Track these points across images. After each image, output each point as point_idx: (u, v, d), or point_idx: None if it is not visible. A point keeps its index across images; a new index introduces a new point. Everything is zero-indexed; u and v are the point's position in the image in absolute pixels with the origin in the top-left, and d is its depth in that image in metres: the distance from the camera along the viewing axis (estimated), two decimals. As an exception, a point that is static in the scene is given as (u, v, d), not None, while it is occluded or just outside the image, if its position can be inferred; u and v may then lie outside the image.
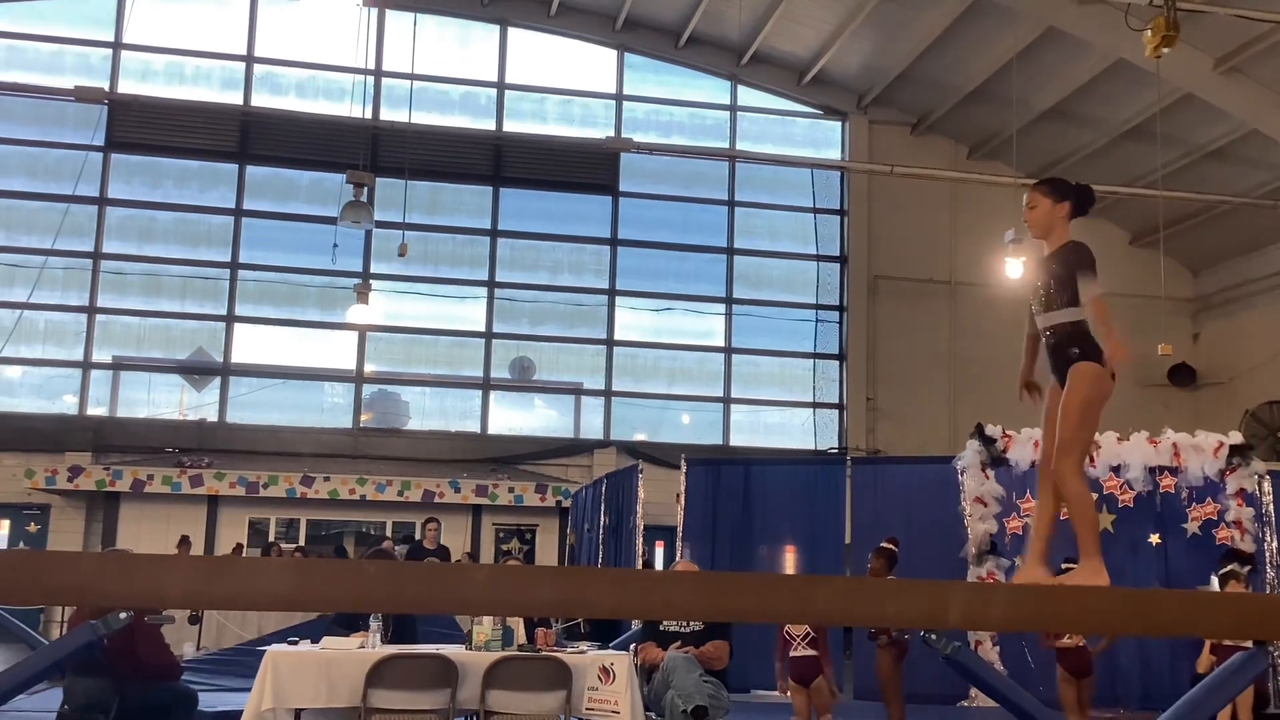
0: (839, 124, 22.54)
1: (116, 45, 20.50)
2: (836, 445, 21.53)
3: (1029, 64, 18.31)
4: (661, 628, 7.81)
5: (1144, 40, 13.15)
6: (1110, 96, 18.85)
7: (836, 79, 21.73)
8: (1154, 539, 11.57)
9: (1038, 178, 21.11)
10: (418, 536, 15.32)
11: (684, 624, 7.68)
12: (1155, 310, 19.38)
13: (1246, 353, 21.04)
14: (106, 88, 19.86)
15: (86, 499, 18.86)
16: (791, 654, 8.28)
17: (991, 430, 12.05)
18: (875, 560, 9.21)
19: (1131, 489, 11.59)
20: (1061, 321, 4.42)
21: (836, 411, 21.92)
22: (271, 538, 19.02)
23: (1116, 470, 11.63)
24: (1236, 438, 11.79)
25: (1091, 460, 11.49)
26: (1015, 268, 17.59)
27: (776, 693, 9.60)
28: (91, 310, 19.95)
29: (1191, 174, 19.65)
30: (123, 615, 5.29)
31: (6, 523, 19.03)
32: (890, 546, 9.34)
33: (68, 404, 19.87)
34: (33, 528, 18.94)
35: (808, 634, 8.23)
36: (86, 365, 19.88)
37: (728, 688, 7.68)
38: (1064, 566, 9.80)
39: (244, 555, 17.34)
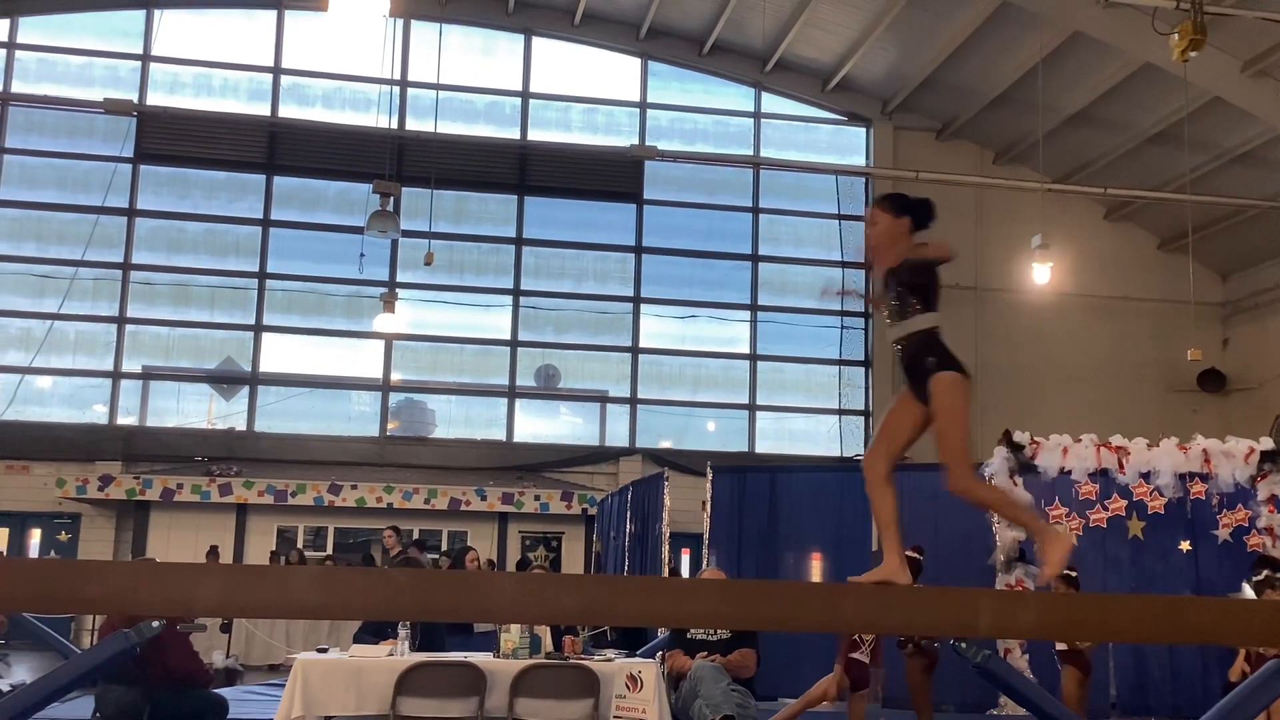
0: (863, 130, 22.51)
1: (145, 58, 20.70)
2: (863, 452, 21.42)
3: (1055, 68, 18.24)
4: (689, 636, 7.81)
5: (1171, 44, 13.07)
6: (1137, 101, 18.75)
7: (861, 85, 21.70)
8: (1184, 546, 11.47)
9: (1065, 182, 21.08)
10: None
11: (711, 632, 7.68)
12: (1184, 315, 19.24)
13: (1277, 357, 20.86)
14: (135, 100, 20.07)
15: (116, 508, 19.02)
16: (853, 656, 8.33)
17: (1019, 437, 11.99)
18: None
19: (1162, 495, 11.49)
20: (913, 331, 4.38)
21: (862, 418, 21.86)
22: (299, 545, 19.12)
23: (1146, 477, 11.54)
24: (1267, 443, 11.67)
25: (1121, 467, 11.43)
26: (1042, 273, 17.53)
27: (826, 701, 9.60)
28: (121, 320, 20.12)
29: (1220, 178, 19.52)
30: (155, 624, 5.33)
31: (38, 532, 19.22)
32: (914, 555, 9.32)
33: (98, 414, 20.03)
34: (63, 537, 19.11)
35: (873, 640, 8.30)
36: (116, 375, 20.05)
37: (755, 696, 7.67)
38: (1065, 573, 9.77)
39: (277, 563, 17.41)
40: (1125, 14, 15.97)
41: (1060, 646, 9.26)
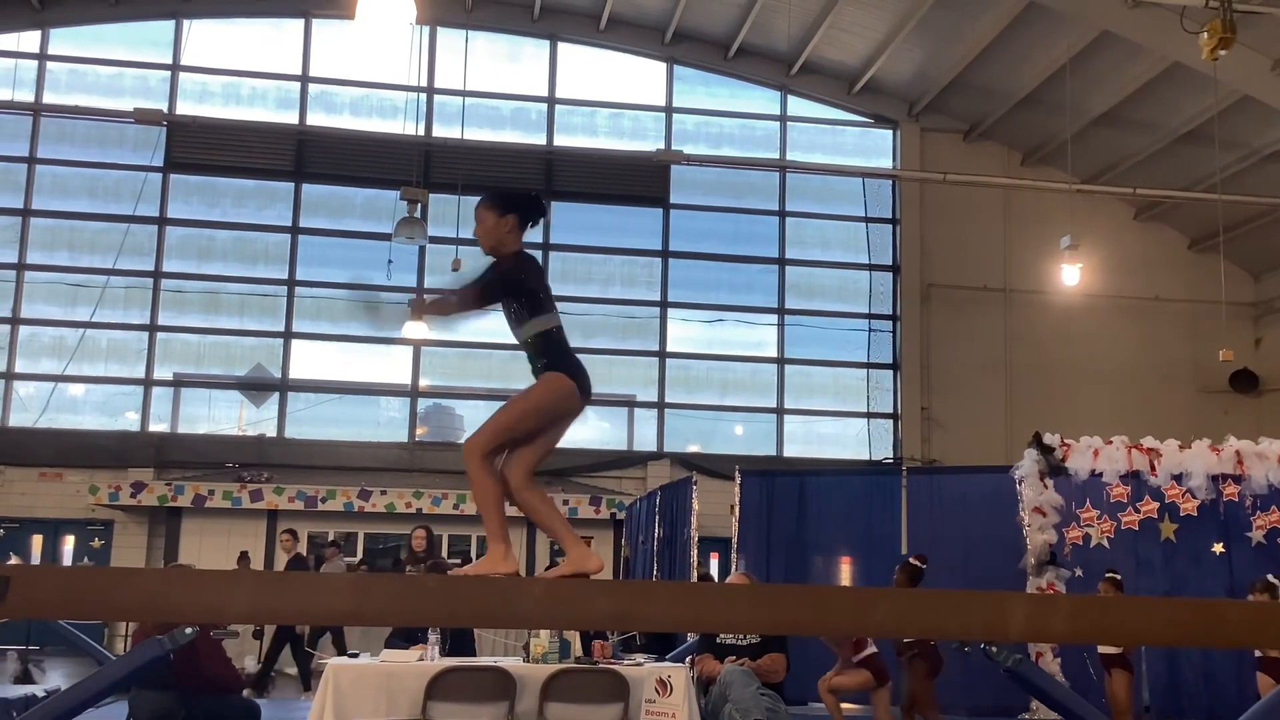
0: (890, 132, 22.44)
1: (174, 67, 20.87)
2: (891, 455, 21.38)
3: (1083, 69, 18.14)
4: (718, 640, 7.81)
5: (1200, 43, 12.98)
6: (1166, 100, 18.63)
7: (887, 87, 21.64)
8: (1217, 548, 11.37)
9: (1094, 183, 20.96)
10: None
11: (741, 637, 7.68)
12: (1216, 315, 19.08)
13: (1311, 357, 20.68)
14: (165, 109, 20.23)
15: (149, 514, 19.16)
16: (869, 652, 8.41)
17: (1050, 439, 11.91)
18: (899, 574, 9.39)
19: (1194, 497, 11.40)
20: (530, 335, 4.32)
21: (891, 421, 21.78)
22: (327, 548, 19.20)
23: (1179, 479, 11.44)
24: (1301, 444, 11.56)
25: (1152, 469, 11.34)
26: (1072, 274, 17.43)
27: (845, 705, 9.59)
28: (152, 328, 20.29)
29: (1251, 177, 19.36)
30: (188, 630, 5.38)
31: (71, 539, 19.21)
32: (916, 563, 9.43)
33: (130, 421, 20.20)
34: (97, 543, 19.26)
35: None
36: (148, 382, 20.21)
37: (785, 700, 7.66)
38: (1107, 575, 9.72)
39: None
40: (1153, 13, 15.86)
41: (1106, 650, 9.16)
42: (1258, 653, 8.99)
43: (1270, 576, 9.36)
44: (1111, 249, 20.63)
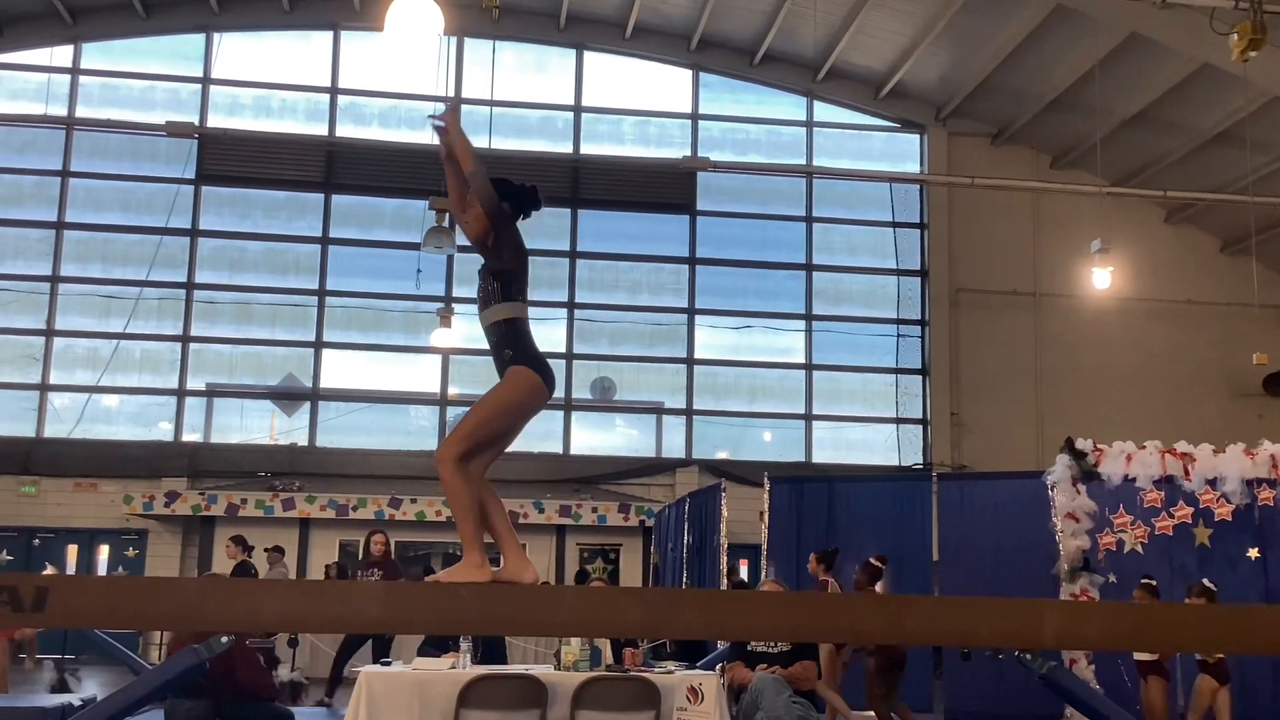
0: (917, 136, 22.37)
1: (205, 81, 21.08)
2: (921, 461, 21.29)
3: (1112, 71, 18.03)
4: (749, 648, 7.80)
5: (1230, 44, 12.90)
6: (1196, 102, 18.50)
7: (914, 91, 21.58)
8: (1253, 553, 11.26)
9: (1124, 185, 20.77)
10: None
11: (772, 644, 7.67)
12: (1249, 318, 18.92)
13: (1346, 360, 20.43)
14: (196, 122, 20.43)
15: (182, 523, 19.32)
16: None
17: (1082, 444, 11.83)
18: (859, 574, 10.15)
19: (1229, 502, 11.29)
20: (496, 320, 4.24)
21: (920, 427, 21.69)
22: (361, 557, 19.29)
23: (1213, 483, 11.34)
24: (1338, 448, 11.44)
25: (1186, 473, 11.25)
26: (1103, 277, 17.33)
27: (870, 713, 9.59)
28: (185, 339, 20.46)
29: (1283, 178, 19.19)
30: (224, 639, 5.42)
31: (105, 548, 19.58)
32: (876, 563, 10.04)
33: (163, 431, 20.38)
34: (131, 553, 19.44)
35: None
36: (181, 393, 20.39)
37: (816, 708, 7.64)
38: (1143, 581, 9.65)
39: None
40: (1183, 14, 15.74)
41: (1141, 656, 9.11)
42: (1198, 656, 8.97)
43: (1205, 581, 9.47)
44: (1142, 252, 20.49)
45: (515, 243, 4.35)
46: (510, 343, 4.21)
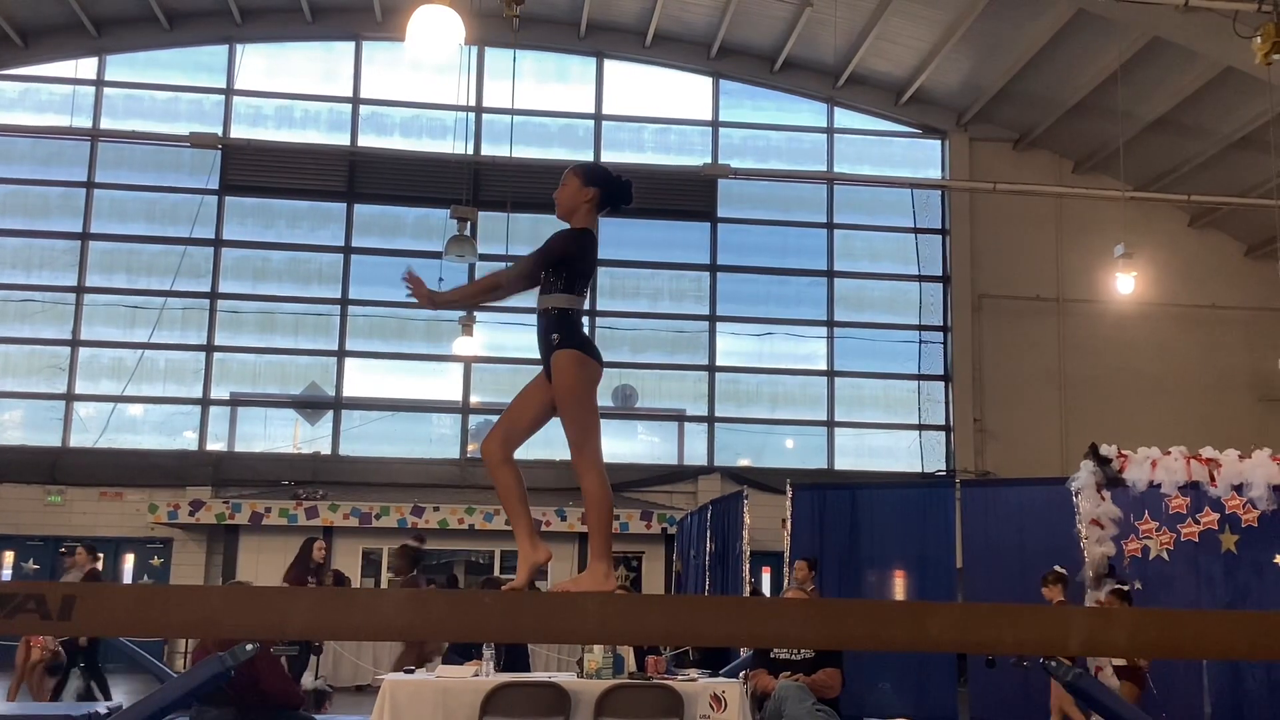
0: (939, 142, 22.32)
1: (228, 92, 21.22)
2: (944, 468, 21.21)
3: (1134, 75, 17.96)
4: (773, 655, 7.78)
5: (1253, 47, 12.83)
6: (1220, 105, 18.39)
7: (935, 97, 21.54)
8: (1279, 560, 11.17)
9: (1147, 190, 20.63)
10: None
11: (795, 651, 7.65)
12: (1274, 322, 18.81)
13: (1374, 364, 20.25)
14: (220, 133, 20.60)
15: (207, 532, 19.42)
16: None
17: (1106, 450, 11.77)
18: (799, 570, 10.71)
19: (1255, 508, 11.19)
20: (548, 307, 4.30)
21: (943, 433, 21.61)
22: (384, 567, 19.37)
23: (1239, 489, 11.25)
24: (1365, 453, 11.33)
25: (1212, 479, 11.17)
26: (1126, 283, 17.24)
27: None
28: (209, 348, 20.59)
29: (1309, 181, 19.05)
30: (249, 646, 5.44)
31: (131, 557, 19.69)
32: (803, 563, 10.65)
33: (188, 440, 20.49)
34: (156, 561, 19.55)
35: None
36: (205, 402, 20.51)
37: (840, 716, 7.61)
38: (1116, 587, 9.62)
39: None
40: (1205, 18, 15.67)
41: (1118, 662, 9.08)
42: (1118, 662, 8.93)
43: (1058, 567, 9.56)
44: (1166, 257, 20.38)
45: (587, 238, 4.38)
46: (557, 328, 4.29)
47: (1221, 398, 20.88)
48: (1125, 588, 9.68)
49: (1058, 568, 9.86)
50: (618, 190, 4.48)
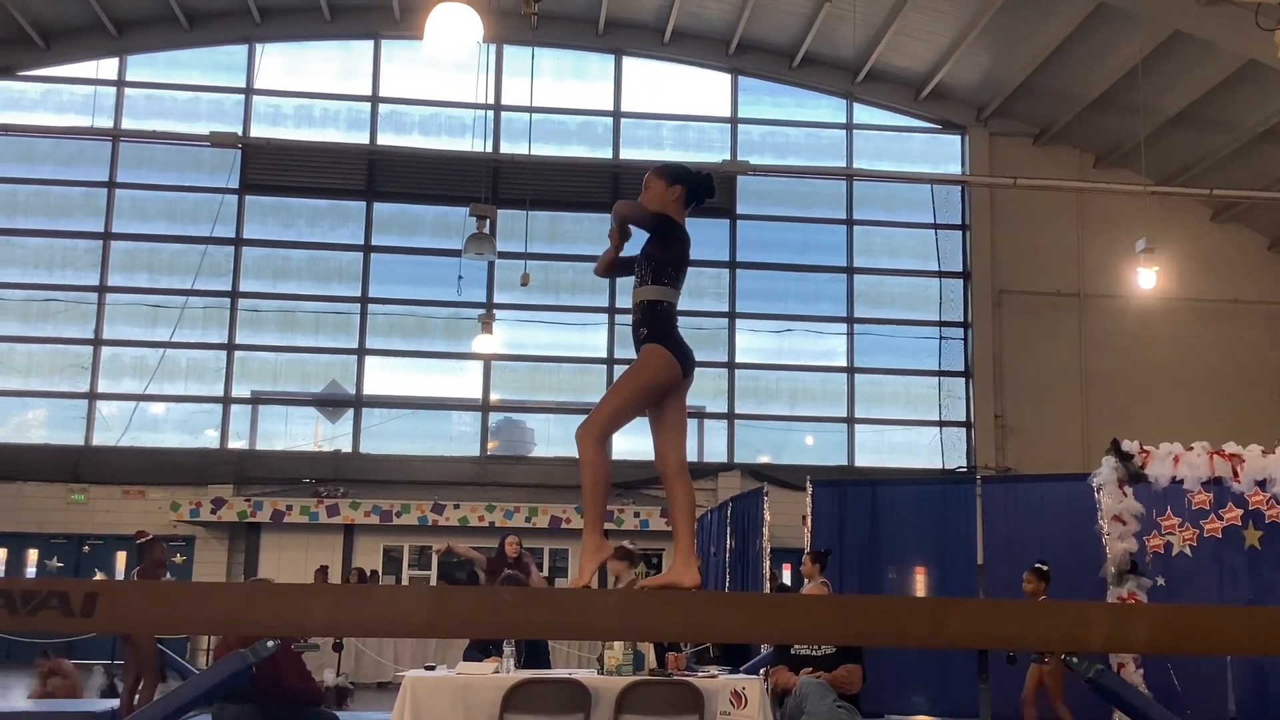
0: (958, 137, 22.23)
1: (248, 91, 21.31)
2: (965, 464, 21.13)
3: (1155, 69, 17.85)
4: (793, 651, 7.77)
5: (1275, 39, 12.71)
6: (1242, 99, 18.26)
7: (954, 92, 21.45)
8: (1304, 555, 11.09)
9: (1169, 184, 20.56)
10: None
11: (816, 648, 7.64)
12: (1298, 317, 18.65)
13: (1399, 359, 20.10)
14: (239, 132, 20.70)
15: (229, 530, 19.53)
16: None
17: (1128, 446, 11.70)
18: (803, 565, 10.39)
19: (1279, 504, 11.13)
20: (641, 300, 4.33)
21: (964, 430, 21.53)
22: (405, 565, 19.46)
23: (1262, 485, 11.17)
24: (1390, 447, 11.24)
25: (1235, 475, 11.09)
26: (1148, 277, 17.14)
27: (923, 717, 9.56)
28: (230, 347, 20.68)
29: (1333, 175, 18.92)
30: (270, 643, 5.48)
31: (154, 554, 19.77)
32: (809, 557, 10.21)
33: (209, 438, 20.60)
34: (178, 559, 19.63)
35: None
36: (226, 400, 20.61)
37: (861, 712, 7.60)
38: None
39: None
40: (1226, 11, 15.56)
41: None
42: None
43: (1038, 563, 9.76)
44: (1188, 251, 20.24)
45: (680, 233, 4.43)
46: (648, 322, 4.30)
47: (1244, 393, 20.73)
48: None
49: (1039, 564, 9.89)
50: (701, 185, 4.54)
